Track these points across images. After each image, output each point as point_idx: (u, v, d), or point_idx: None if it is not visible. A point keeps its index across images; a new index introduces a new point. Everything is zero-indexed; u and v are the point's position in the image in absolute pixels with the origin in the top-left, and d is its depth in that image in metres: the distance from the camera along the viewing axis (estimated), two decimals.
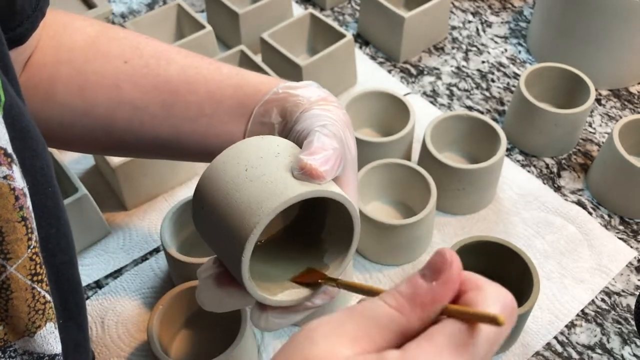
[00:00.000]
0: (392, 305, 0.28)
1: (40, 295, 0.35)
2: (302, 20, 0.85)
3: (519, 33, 0.94)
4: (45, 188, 0.38)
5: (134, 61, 0.50)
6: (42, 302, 0.35)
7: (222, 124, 0.49)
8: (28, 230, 0.33)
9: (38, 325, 0.35)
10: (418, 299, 0.28)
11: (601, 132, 0.81)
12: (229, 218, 0.38)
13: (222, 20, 0.90)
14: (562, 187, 0.75)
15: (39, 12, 0.47)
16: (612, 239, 0.70)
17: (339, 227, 0.42)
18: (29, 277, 0.34)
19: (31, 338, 0.35)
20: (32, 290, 0.34)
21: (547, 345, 0.63)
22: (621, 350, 0.62)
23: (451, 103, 0.85)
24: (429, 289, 0.28)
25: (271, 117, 0.47)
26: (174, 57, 0.51)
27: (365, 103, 0.77)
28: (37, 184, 0.37)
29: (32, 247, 0.34)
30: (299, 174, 0.38)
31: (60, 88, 0.49)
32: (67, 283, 0.41)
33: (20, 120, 0.36)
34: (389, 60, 0.90)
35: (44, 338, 0.36)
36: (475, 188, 0.70)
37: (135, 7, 0.99)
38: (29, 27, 0.46)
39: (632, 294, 0.66)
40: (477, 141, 0.74)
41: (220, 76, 0.50)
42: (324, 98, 0.46)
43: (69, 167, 0.70)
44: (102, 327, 0.65)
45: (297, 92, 0.47)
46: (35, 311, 0.35)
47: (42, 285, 0.35)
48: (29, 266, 0.34)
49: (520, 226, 0.72)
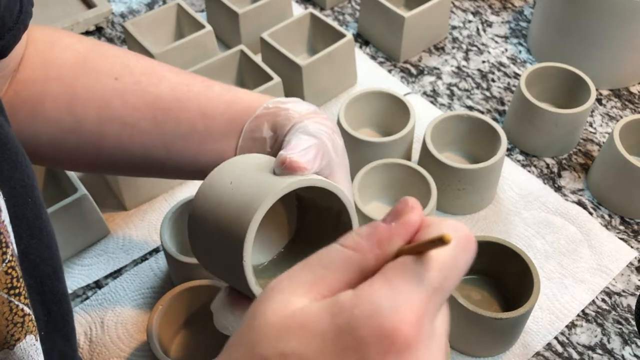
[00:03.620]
0: (349, 245, 0.28)
1: (18, 308, 0.35)
2: (302, 20, 0.85)
3: (520, 33, 0.94)
4: (25, 199, 0.37)
5: (124, 78, 0.50)
6: (20, 315, 0.35)
7: (213, 140, 0.49)
8: (2, 245, 0.33)
9: (17, 338, 0.35)
10: (375, 237, 0.28)
11: (602, 132, 0.81)
12: (223, 232, 0.38)
13: (222, 20, 0.90)
14: (562, 187, 0.75)
15: (20, 24, 0.46)
16: (612, 239, 0.70)
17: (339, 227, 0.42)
18: (5, 291, 0.34)
19: (11, 350, 0.35)
20: (9, 303, 0.34)
21: (547, 345, 0.63)
22: (622, 351, 0.62)
23: (451, 103, 0.85)
24: (387, 228, 0.28)
25: (262, 131, 0.47)
26: (165, 74, 0.51)
27: (365, 103, 0.76)
28: (17, 194, 0.36)
29: (7, 261, 0.34)
30: (280, 170, 0.39)
31: (48, 104, 0.49)
32: (51, 294, 0.40)
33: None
34: (389, 60, 0.90)
35: (24, 350, 0.36)
36: (475, 188, 0.70)
37: (135, 6, 0.98)
38: (11, 39, 0.46)
39: (632, 294, 0.66)
40: (477, 141, 0.74)
41: (212, 93, 0.50)
42: (314, 111, 0.47)
43: None
44: (102, 327, 0.65)
45: (287, 105, 0.47)
46: (14, 324, 0.35)
47: (20, 299, 0.35)
48: (4, 280, 0.34)
49: (520, 226, 0.72)
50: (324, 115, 0.47)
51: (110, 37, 0.94)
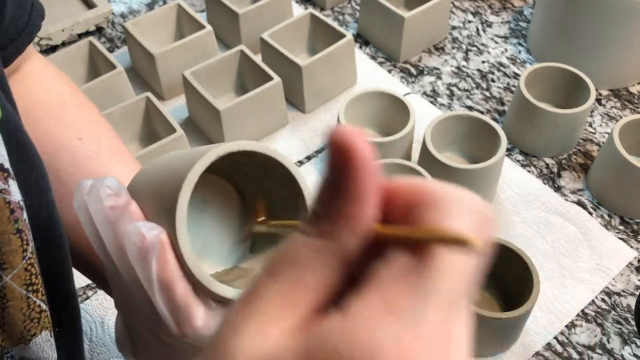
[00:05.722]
0: (313, 232, 0.21)
1: (35, 304, 0.35)
2: (302, 20, 0.85)
3: (519, 33, 0.94)
4: (39, 200, 0.38)
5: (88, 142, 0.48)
6: (37, 311, 0.36)
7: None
8: (23, 242, 0.34)
9: (33, 334, 0.36)
10: (335, 210, 0.21)
11: (601, 132, 0.81)
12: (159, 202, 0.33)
13: (222, 20, 0.90)
14: (562, 187, 0.75)
15: (25, 36, 0.46)
16: (612, 239, 0.70)
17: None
18: (24, 287, 0.34)
19: (27, 345, 0.36)
20: (27, 299, 0.35)
21: (547, 345, 0.63)
22: (621, 351, 0.62)
23: (451, 103, 0.85)
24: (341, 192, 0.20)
25: None
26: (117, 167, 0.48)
27: (365, 103, 0.77)
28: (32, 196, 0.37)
29: (27, 258, 0.34)
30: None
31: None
32: (61, 295, 0.41)
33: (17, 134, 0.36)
34: (389, 60, 0.90)
35: (39, 346, 0.36)
36: (475, 188, 0.70)
37: (135, 7, 0.99)
38: (13, 51, 0.45)
39: (632, 294, 0.66)
40: (477, 141, 0.74)
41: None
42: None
43: None
44: (102, 327, 0.65)
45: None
46: (31, 320, 0.35)
47: (38, 295, 0.35)
48: (24, 276, 0.34)
49: (520, 226, 0.72)
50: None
51: (111, 37, 0.94)
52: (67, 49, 0.82)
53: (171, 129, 0.72)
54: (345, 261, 0.21)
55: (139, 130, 0.78)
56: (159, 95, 0.85)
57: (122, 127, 0.76)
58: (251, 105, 0.76)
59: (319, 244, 0.21)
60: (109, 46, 0.93)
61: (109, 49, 0.92)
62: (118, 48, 0.93)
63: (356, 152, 0.20)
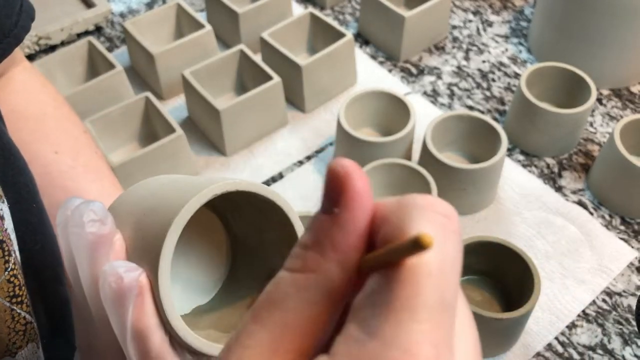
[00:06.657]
0: (298, 268, 0.20)
1: (20, 316, 0.34)
2: (302, 20, 0.85)
3: (520, 32, 0.93)
4: (30, 204, 0.37)
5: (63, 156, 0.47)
6: (22, 323, 0.35)
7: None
8: (5, 253, 0.33)
9: (19, 346, 0.35)
10: (326, 239, 0.20)
11: (602, 132, 0.81)
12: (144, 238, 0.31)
13: (222, 20, 0.89)
14: (563, 187, 0.75)
15: (12, 38, 0.44)
16: (613, 239, 0.70)
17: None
18: (7, 299, 0.34)
19: (12, 358, 0.35)
20: (11, 312, 0.34)
21: (548, 345, 0.63)
22: (622, 351, 0.62)
23: (452, 103, 0.84)
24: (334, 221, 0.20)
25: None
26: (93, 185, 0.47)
27: (365, 103, 0.76)
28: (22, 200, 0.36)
29: (9, 269, 0.33)
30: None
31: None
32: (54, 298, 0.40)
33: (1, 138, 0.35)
34: (389, 59, 0.90)
35: (25, 358, 0.35)
36: (475, 188, 0.70)
37: (135, 6, 0.98)
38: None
39: (633, 294, 0.66)
40: (477, 141, 0.74)
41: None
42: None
43: None
44: None
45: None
46: (15, 332, 0.34)
47: (22, 307, 0.35)
48: (6, 288, 0.33)
49: (521, 226, 0.71)
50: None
51: (110, 37, 0.94)
52: (66, 48, 0.82)
53: (170, 128, 0.72)
54: (334, 296, 0.20)
55: (138, 130, 0.78)
56: (159, 95, 0.84)
57: (121, 126, 0.76)
58: (251, 105, 0.75)
59: (303, 280, 0.20)
60: (108, 46, 0.93)
61: (108, 48, 0.92)
62: (117, 48, 0.92)
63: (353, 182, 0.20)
